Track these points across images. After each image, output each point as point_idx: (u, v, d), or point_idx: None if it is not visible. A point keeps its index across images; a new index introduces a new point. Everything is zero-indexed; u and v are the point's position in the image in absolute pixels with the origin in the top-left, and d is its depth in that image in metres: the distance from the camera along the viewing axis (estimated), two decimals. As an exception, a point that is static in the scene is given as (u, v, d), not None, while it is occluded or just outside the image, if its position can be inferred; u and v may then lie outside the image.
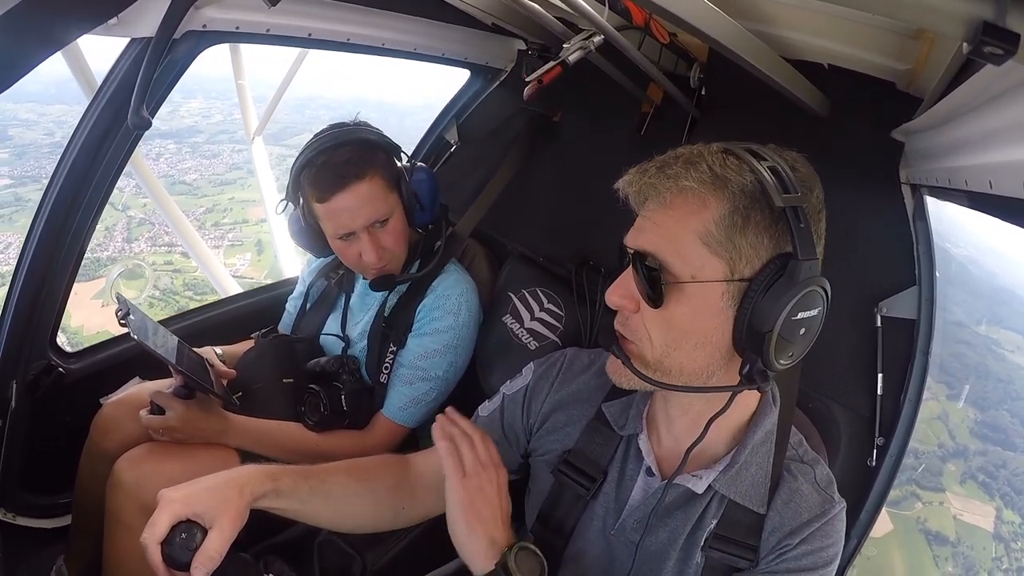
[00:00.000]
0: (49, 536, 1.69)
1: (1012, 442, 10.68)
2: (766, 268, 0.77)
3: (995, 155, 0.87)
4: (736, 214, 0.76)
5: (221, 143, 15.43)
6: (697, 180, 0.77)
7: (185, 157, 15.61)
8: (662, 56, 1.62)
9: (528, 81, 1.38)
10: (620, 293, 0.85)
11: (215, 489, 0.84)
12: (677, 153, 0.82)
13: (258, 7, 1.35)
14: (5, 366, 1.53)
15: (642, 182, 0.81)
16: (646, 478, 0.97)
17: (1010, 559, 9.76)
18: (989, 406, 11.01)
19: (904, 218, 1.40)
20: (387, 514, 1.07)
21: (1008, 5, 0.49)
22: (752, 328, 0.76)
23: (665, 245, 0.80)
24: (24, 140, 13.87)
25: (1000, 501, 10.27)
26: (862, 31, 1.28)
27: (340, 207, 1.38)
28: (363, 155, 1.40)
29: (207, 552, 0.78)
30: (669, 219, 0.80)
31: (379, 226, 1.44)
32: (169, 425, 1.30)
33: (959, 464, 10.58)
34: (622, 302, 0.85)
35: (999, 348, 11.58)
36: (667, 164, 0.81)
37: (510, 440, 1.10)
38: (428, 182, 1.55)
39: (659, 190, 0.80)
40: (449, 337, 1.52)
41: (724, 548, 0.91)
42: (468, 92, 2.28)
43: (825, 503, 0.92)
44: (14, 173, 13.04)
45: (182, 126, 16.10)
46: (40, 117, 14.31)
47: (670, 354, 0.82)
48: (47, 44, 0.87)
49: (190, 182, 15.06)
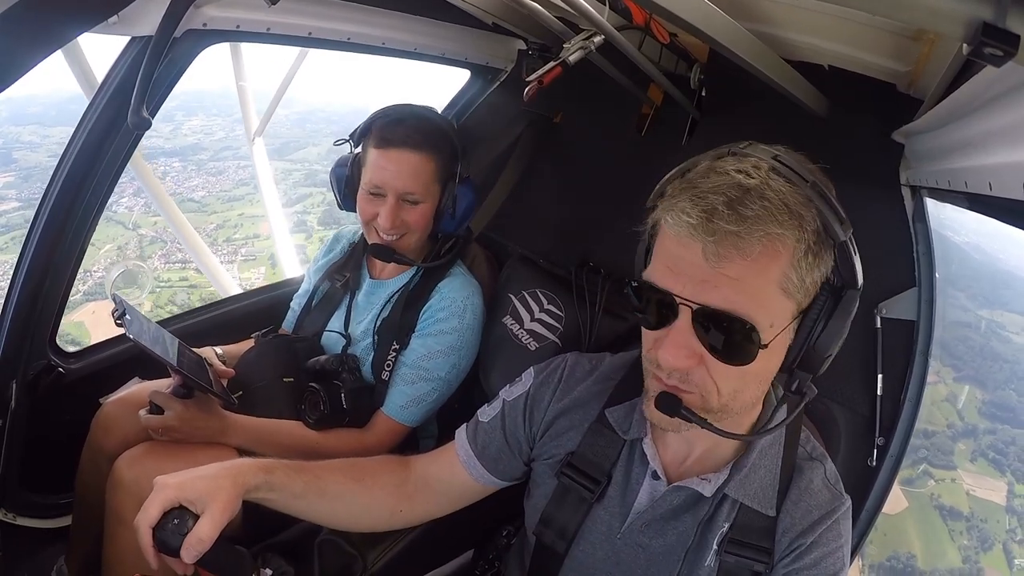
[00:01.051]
0: (49, 536, 1.69)
1: (1020, 420, 10.87)
2: (820, 294, 0.77)
3: (995, 157, 0.87)
4: (809, 253, 0.74)
5: (226, 160, 15.51)
6: (782, 224, 0.70)
7: (191, 175, 15.69)
8: (662, 56, 1.62)
9: (528, 82, 1.38)
10: (685, 354, 0.76)
11: (209, 477, 0.86)
12: (740, 183, 0.72)
13: (258, 6, 1.35)
14: (5, 366, 1.53)
15: (716, 227, 0.70)
16: (652, 482, 0.97)
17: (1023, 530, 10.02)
18: (996, 386, 11.22)
19: (904, 220, 1.40)
20: (383, 514, 1.07)
21: (1008, 6, 0.49)
22: (813, 352, 0.78)
23: (749, 301, 0.72)
24: (29, 163, 13.99)
25: (1012, 476, 10.46)
26: (862, 32, 1.28)
27: (387, 161, 1.44)
28: (431, 136, 1.47)
29: (196, 535, 0.79)
30: (750, 271, 0.71)
31: (408, 202, 1.47)
32: (168, 425, 1.30)
33: (969, 443, 10.79)
34: (688, 363, 0.76)
35: (1003, 331, 11.69)
36: (737, 200, 0.70)
37: (512, 447, 1.09)
38: (469, 197, 1.55)
39: (744, 239, 0.70)
40: (453, 339, 1.52)
41: (739, 552, 0.91)
42: (468, 92, 2.28)
43: (835, 500, 0.93)
44: (22, 196, 13.17)
45: (185, 144, 16.17)
46: (43, 139, 14.41)
47: (737, 397, 0.80)
48: (47, 42, 0.87)
49: (198, 199, 15.16)
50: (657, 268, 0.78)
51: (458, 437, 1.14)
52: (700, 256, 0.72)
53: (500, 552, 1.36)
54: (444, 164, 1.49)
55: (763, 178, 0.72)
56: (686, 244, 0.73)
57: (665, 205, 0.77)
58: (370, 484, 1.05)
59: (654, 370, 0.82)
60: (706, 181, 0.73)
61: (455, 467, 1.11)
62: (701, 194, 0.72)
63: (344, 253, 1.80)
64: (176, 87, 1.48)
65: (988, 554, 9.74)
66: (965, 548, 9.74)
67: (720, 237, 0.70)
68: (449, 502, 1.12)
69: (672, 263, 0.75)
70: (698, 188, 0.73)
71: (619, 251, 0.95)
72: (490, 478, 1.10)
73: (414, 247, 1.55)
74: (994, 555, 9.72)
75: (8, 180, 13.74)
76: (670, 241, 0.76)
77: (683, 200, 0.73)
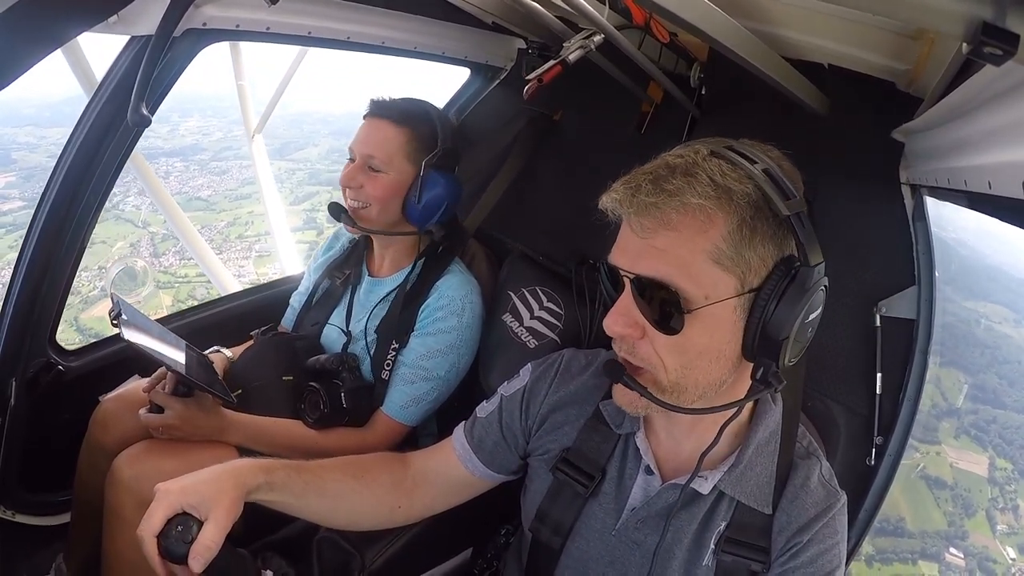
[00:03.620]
0: (48, 534, 1.69)
1: (1000, 400, 11.62)
2: (773, 275, 0.76)
3: (994, 155, 0.87)
4: (744, 227, 0.75)
5: (227, 160, 15.56)
6: (702, 195, 0.73)
7: (195, 174, 15.74)
8: (662, 55, 1.62)
9: (528, 80, 1.38)
10: (623, 322, 0.79)
11: (210, 481, 0.85)
12: (668, 163, 0.78)
13: (258, 5, 1.35)
14: (5, 364, 1.53)
15: (638, 200, 0.75)
16: (645, 477, 0.97)
17: (1005, 499, 10.63)
18: (978, 370, 11.89)
19: (904, 218, 1.40)
20: (382, 512, 1.07)
21: (1008, 5, 0.49)
22: (767, 335, 0.77)
23: (674, 270, 0.75)
24: (29, 163, 14.04)
25: (993, 451, 11.11)
26: (862, 31, 1.28)
27: (363, 128, 1.51)
28: (411, 113, 1.49)
29: (203, 543, 0.78)
30: (675, 241, 0.75)
31: (372, 169, 1.48)
32: (169, 423, 1.30)
33: (952, 422, 11.41)
34: (627, 331, 0.80)
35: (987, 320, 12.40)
36: (662, 177, 0.76)
37: (508, 441, 1.09)
38: (439, 188, 1.50)
39: (661, 209, 0.74)
40: (453, 337, 1.52)
41: (736, 551, 0.91)
42: (468, 91, 2.28)
43: (830, 497, 0.93)
44: (25, 195, 13.23)
45: (184, 144, 16.21)
46: (40, 140, 14.46)
47: (686, 375, 0.81)
48: (47, 42, 0.87)
49: (205, 198, 15.21)
50: (612, 249, 0.84)
51: (455, 433, 1.14)
52: (632, 232, 0.78)
53: (499, 550, 1.36)
54: (417, 142, 1.48)
55: (694, 159, 0.77)
56: (625, 224, 0.80)
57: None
58: (369, 481, 1.05)
59: (613, 346, 0.86)
60: (643, 167, 0.80)
61: (451, 461, 1.11)
62: (633, 176, 0.79)
63: (344, 251, 1.80)
64: (171, 89, 1.48)
65: (972, 519, 10.37)
66: (950, 514, 10.35)
67: (639, 208, 0.76)
68: (447, 497, 1.13)
69: (619, 241, 0.82)
70: (633, 172, 0.80)
71: None
72: (486, 471, 1.10)
73: (377, 220, 1.53)
74: (977, 520, 10.36)
75: (10, 180, 13.80)
76: (620, 223, 0.82)
77: (618, 183, 0.80)
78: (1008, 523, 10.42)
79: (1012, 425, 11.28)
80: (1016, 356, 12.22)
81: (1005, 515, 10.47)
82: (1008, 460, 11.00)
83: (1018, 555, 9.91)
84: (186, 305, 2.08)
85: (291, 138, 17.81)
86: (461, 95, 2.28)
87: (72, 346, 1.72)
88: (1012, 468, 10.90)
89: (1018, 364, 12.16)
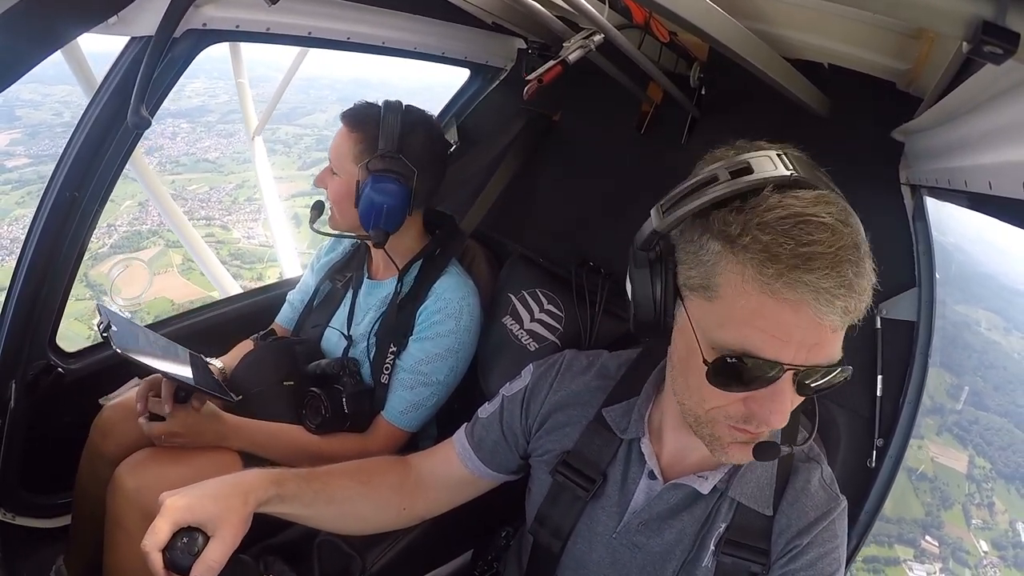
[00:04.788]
0: (48, 536, 1.69)
1: (984, 403, 11.93)
2: None
3: (995, 155, 0.86)
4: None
5: (234, 123, 15.54)
6: (869, 275, 0.69)
7: (201, 136, 15.73)
8: (662, 55, 1.62)
9: (528, 80, 1.38)
10: (789, 411, 0.74)
11: (219, 497, 0.84)
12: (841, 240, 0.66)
13: (258, 5, 1.35)
14: (4, 366, 1.53)
15: (829, 295, 0.66)
16: (649, 481, 0.97)
17: (981, 496, 11.03)
18: (964, 372, 12.18)
19: (904, 219, 1.40)
20: (389, 515, 1.07)
21: (1008, 4, 0.49)
22: None
23: (839, 351, 0.72)
24: (33, 120, 14.05)
25: (973, 450, 11.45)
26: (862, 30, 1.28)
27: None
28: (361, 117, 1.49)
29: (206, 562, 0.78)
30: (846, 322, 0.70)
31: (333, 173, 1.51)
32: (171, 431, 1.30)
33: (936, 419, 11.67)
34: (787, 419, 0.75)
35: (976, 326, 12.71)
36: (842, 262, 0.65)
37: (509, 441, 1.10)
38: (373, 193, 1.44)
39: (851, 301, 0.68)
40: (451, 341, 1.51)
41: (736, 553, 0.91)
42: (468, 91, 2.27)
43: (831, 501, 0.93)
44: (31, 152, 13.27)
45: (190, 106, 16.16)
46: (44, 98, 14.45)
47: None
48: (47, 43, 0.87)
49: (213, 160, 15.23)
50: (752, 336, 0.69)
51: (457, 434, 1.15)
52: (812, 319, 0.67)
53: (499, 552, 1.36)
54: (364, 145, 1.47)
55: (847, 221, 0.68)
56: (797, 308, 0.67)
57: (753, 257, 0.67)
58: (375, 486, 1.06)
59: (738, 424, 0.77)
60: (802, 232, 0.65)
61: (452, 461, 1.12)
62: (806, 252, 0.65)
63: (346, 254, 1.80)
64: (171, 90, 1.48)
65: (948, 511, 10.71)
66: (928, 504, 10.69)
67: (827, 301, 0.66)
68: (448, 497, 1.13)
69: (781, 332, 0.68)
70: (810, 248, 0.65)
71: (619, 250, 0.95)
72: (486, 471, 1.10)
73: (341, 223, 1.55)
74: (953, 513, 10.71)
75: (15, 137, 13.83)
76: (770, 305, 0.67)
77: (797, 266, 0.65)
78: (983, 518, 10.73)
79: (993, 427, 11.57)
80: (1002, 362, 12.47)
81: (980, 510, 10.80)
82: (987, 460, 11.34)
83: (991, 548, 10.27)
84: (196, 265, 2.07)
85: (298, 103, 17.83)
86: (461, 95, 2.28)
87: (74, 347, 1.72)
88: (990, 468, 11.24)
89: (1004, 370, 12.39)
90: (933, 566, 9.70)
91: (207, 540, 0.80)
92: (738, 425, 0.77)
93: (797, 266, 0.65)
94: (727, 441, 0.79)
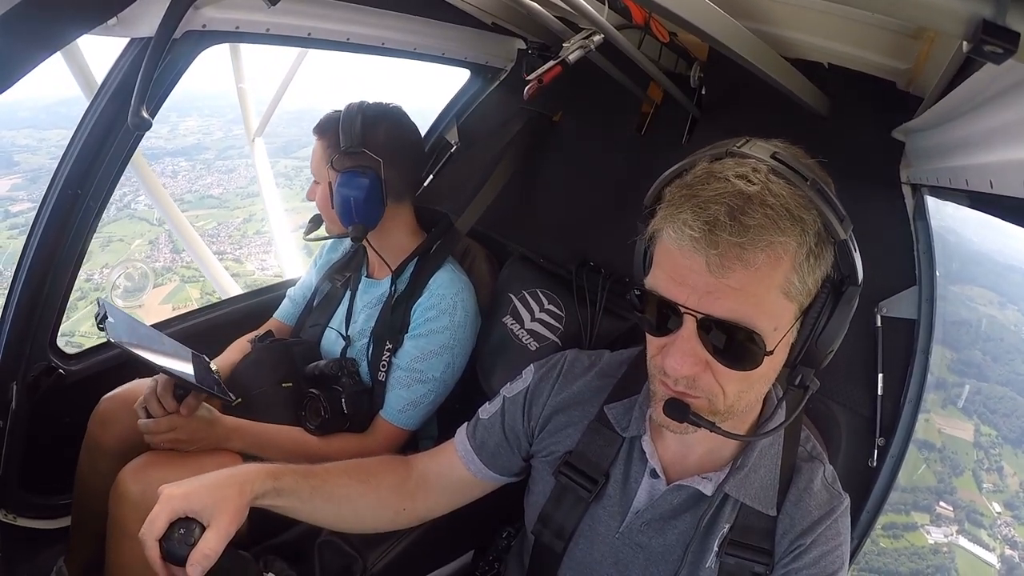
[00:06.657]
0: (49, 537, 1.69)
1: (984, 374, 12.32)
2: (820, 293, 0.77)
3: (995, 154, 0.86)
4: (811, 255, 0.73)
5: (232, 159, 15.66)
6: (784, 231, 0.70)
7: (202, 173, 15.81)
8: (662, 55, 1.62)
9: (528, 80, 1.38)
10: (691, 362, 0.76)
11: (215, 487, 0.85)
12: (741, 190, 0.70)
13: (258, 7, 1.35)
14: (5, 367, 1.53)
15: (717, 239, 0.69)
16: (651, 480, 0.97)
17: (990, 461, 11.36)
18: (963, 347, 12.54)
19: (904, 218, 1.40)
20: (387, 514, 1.07)
21: (1008, 4, 0.49)
22: (815, 349, 0.78)
23: (751, 310, 0.72)
24: (32, 165, 14.18)
25: (977, 419, 11.78)
26: (862, 30, 1.28)
27: None
28: (328, 122, 1.52)
29: (202, 550, 0.78)
30: (752, 279, 0.71)
31: (316, 183, 1.56)
32: (171, 435, 1.30)
33: (940, 394, 11.90)
34: (695, 370, 0.77)
35: (971, 302, 13.03)
36: (739, 209, 0.69)
37: (511, 442, 1.09)
38: (341, 189, 1.47)
39: (746, 249, 0.69)
40: (446, 337, 1.51)
41: (740, 554, 0.91)
42: (468, 92, 2.28)
43: (833, 500, 0.93)
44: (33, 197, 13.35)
45: (186, 144, 16.29)
46: (40, 143, 14.56)
47: (742, 397, 0.81)
48: (46, 44, 0.87)
49: (217, 196, 15.30)
50: (660, 277, 0.77)
51: (458, 434, 1.14)
52: (704, 268, 0.71)
53: (500, 553, 1.36)
54: (331, 149, 1.50)
55: (763, 182, 0.71)
56: (689, 255, 0.72)
57: (665, 213, 0.76)
58: (375, 485, 1.05)
59: (660, 376, 0.82)
60: (706, 188, 0.72)
61: (454, 463, 1.11)
62: (702, 203, 0.71)
63: (346, 255, 1.80)
64: (172, 91, 1.48)
65: (959, 478, 11.07)
66: (939, 473, 11.03)
67: (724, 249, 0.70)
68: (449, 499, 1.13)
69: (676, 273, 0.74)
70: (699, 197, 0.72)
71: (619, 251, 0.95)
72: (488, 473, 1.10)
73: (332, 228, 1.60)
74: (964, 479, 11.08)
75: (16, 182, 13.92)
76: (673, 250, 0.74)
77: (684, 211, 0.72)
78: (993, 482, 11.08)
79: (995, 396, 11.99)
80: (999, 334, 12.88)
81: (991, 475, 11.16)
82: (992, 427, 11.72)
83: (1003, 509, 10.57)
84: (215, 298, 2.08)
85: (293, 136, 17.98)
86: (461, 96, 2.28)
87: (74, 349, 1.72)
88: (996, 434, 11.62)
89: (1000, 342, 12.82)
90: (950, 528, 10.05)
91: (204, 531, 0.80)
92: (662, 377, 0.81)
93: (684, 211, 0.72)
94: (659, 397, 0.83)
